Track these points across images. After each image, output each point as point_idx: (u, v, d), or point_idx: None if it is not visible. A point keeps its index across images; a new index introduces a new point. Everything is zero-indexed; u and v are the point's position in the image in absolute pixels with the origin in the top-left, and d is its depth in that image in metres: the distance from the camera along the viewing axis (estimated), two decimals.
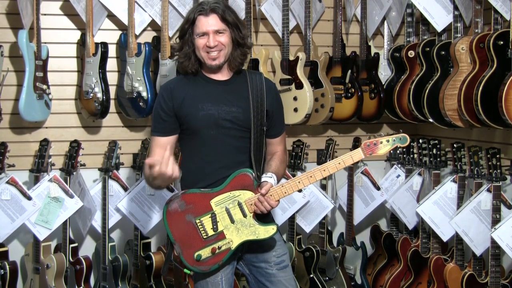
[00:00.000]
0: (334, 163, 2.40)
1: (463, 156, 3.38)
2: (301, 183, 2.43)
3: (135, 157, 3.76)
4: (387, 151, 2.43)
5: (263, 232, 2.44)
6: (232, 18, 2.48)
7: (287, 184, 2.43)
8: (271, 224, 2.47)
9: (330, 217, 4.15)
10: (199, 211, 2.45)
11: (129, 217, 3.64)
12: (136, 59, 3.57)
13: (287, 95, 3.77)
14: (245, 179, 2.45)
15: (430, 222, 3.49)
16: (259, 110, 2.52)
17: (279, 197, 2.43)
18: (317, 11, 4.00)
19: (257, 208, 2.42)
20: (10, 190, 3.41)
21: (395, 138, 2.41)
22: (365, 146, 2.41)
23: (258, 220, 2.45)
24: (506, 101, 2.93)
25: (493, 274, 3.15)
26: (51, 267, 3.51)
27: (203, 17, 2.46)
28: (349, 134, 4.19)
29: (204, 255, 2.44)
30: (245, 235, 2.44)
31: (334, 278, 3.85)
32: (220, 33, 2.46)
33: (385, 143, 2.41)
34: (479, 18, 3.25)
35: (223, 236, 2.44)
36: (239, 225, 2.43)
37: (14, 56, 3.58)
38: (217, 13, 2.45)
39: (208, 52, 2.47)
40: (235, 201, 2.44)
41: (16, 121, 3.63)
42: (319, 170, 2.41)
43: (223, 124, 2.49)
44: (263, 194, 2.40)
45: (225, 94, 2.53)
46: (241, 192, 2.44)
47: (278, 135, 2.67)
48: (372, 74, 3.93)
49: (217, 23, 2.46)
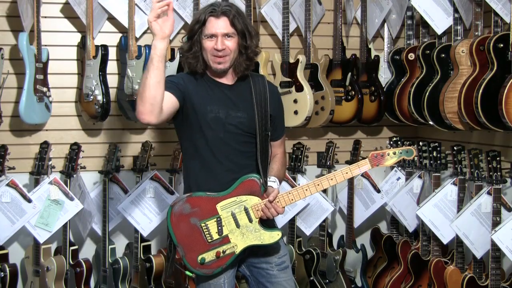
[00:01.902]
0: (341, 173, 2.44)
1: (463, 159, 3.38)
2: (308, 191, 2.45)
3: (135, 160, 3.75)
4: (393, 163, 2.49)
5: (268, 237, 2.45)
6: (241, 25, 2.45)
7: (295, 191, 2.45)
8: (276, 230, 2.48)
9: (330, 219, 4.15)
10: (205, 215, 2.45)
11: (130, 219, 3.63)
12: (136, 61, 3.57)
13: (287, 97, 3.78)
14: (252, 184, 2.45)
15: (430, 224, 3.49)
16: (264, 115, 2.52)
17: (286, 204, 2.46)
18: (317, 13, 4.00)
19: (263, 214, 2.44)
20: (10, 193, 3.41)
21: (402, 151, 2.46)
22: (372, 157, 2.45)
23: (263, 225, 2.46)
24: (506, 104, 2.92)
25: (493, 276, 3.14)
26: (51, 269, 3.51)
27: (213, 19, 2.44)
28: (349, 136, 4.19)
29: (208, 259, 2.44)
30: (250, 240, 2.45)
31: (334, 281, 3.84)
32: (229, 37, 2.45)
33: (392, 155, 2.45)
34: (479, 21, 3.26)
35: (227, 240, 2.44)
36: (244, 230, 2.44)
37: (15, 58, 3.58)
38: (228, 16, 2.43)
39: (214, 56, 2.45)
40: (241, 206, 2.44)
41: (16, 124, 3.63)
42: (327, 179, 2.45)
43: (229, 129, 2.48)
44: (271, 201, 2.42)
45: (231, 99, 2.52)
46: (248, 197, 2.44)
47: (279, 138, 2.69)
48: (372, 76, 3.93)
49: (227, 26, 2.43)
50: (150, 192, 3.63)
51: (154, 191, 3.63)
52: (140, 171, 3.68)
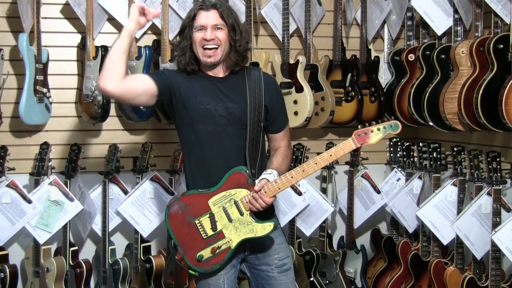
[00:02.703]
0: (325, 155, 2.38)
1: (463, 160, 3.38)
2: (294, 178, 2.40)
3: (135, 161, 3.75)
4: (379, 140, 2.39)
5: (260, 229, 2.42)
6: (231, 19, 2.47)
7: (280, 180, 2.40)
8: (268, 221, 2.44)
9: (330, 220, 4.15)
10: (198, 212, 2.45)
11: (129, 220, 3.63)
12: (136, 62, 3.57)
13: (287, 98, 3.77)
14: (239, 177, 2.43)
15: (430, 225, 3.49)
16: (257, 106, 2.49)
17: (274, 193, 2.40)
18: (317, 14, 4.00)
19: (252, 205, 2.41)
20: (10, 194, 3.41)
21: (386, 125, 2.38)
22: (356, 135, 2.38)
23: (256, 218, 2.44)
24: (506, 104, 2.93)
25: (493, 277, 3.14)
26: (51, 270, 3.51)
27: (203, 12, 2.46)
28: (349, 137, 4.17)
29: (205, 255, 2.44)
30: (243, 233, 2.43)
31: (334, 282, 3.84)
32: (218, 29, 2.45)
33: (376, 132, 2.38)
34: (479, 22, 3.26)
35: (222, 235, 2.44)
36: (237, 223, 2.43)
37: (15, 59, 3.58)
38: (217, 9, 2.45)
39: (204, 48, 2.45)
40: (231, 200, 2.43)
41: (16, 125, 3.63)
42: (311, 164, 2.38)
43: (219, 121, 2.46)
44: (256, 191, 2.39)
45: (221, 90, 2.50)
46: (236, 190, 2.43)
47: (280, 130, 2.63)
48: (372, 77, 3.93)
49: (217, 18, 2.45)
50: (150, 193, 3.63)
51: (154, 192, 3.63)
52: (140, 172, 3.68)
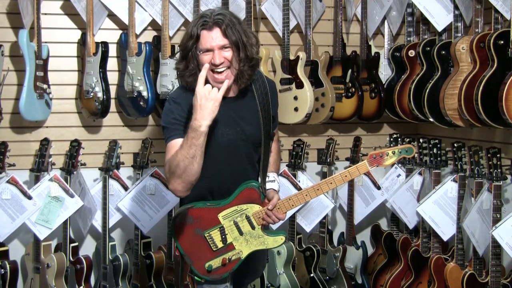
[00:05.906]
0: (340, 176, 2.44)
1: (464, 156, 3.38)
2: (308, 196, 2.46)
3: (135, 157, 3.76)
4: (393, 163, 2.48)
5: (272, 242, 2.47)
6: (235, 36, 2.29)
7: (295, 197, 2.46)
8: (279, 234, 2.49)
9: (330, 216, 4.16)
10: (207, 225, 2.45)
11: (130, 216, 3.64)
12: (136, 58, 3.57)
13: (288, 94, 3.78)
14: (251, 192, 2.44)
15: (431, 221, 3.49)
16: (267, 120, 2.48)
17: (287, 210, 2.47)
18: (318, 10, 4.00)
19: (265, 222, 2.45)
20: (10, 190, 3.41)
21: (401, 149, 2.44)
22: (371, 158, 2.43)
23: (266, 231, 2.48)
24: (507, 100, 2.92)
25: (493, 273, 3.14)
26: (51, 266, 3.51)
27: (206, 32, 2.28)
28: (350, 133, 4.19)
29: (214, 265, 2.45)
30: (254, 245, 2.46)
31: (334, 278, 3.85)
32: (226, 48, 2.30)
33: (391, 155, 2.43)
34: (480, 18, 3.25)
35: (232, 247, 2.45)
36: (247, 236, 2.45)
37: (15, 55, 3.58)
38: (220, 27, 2.28)
39: (214, 72, 2.31)
40: (243, 215, 2.44)
41: (16, 121, 3.63)
42: (326, 183, 2.44)
43: (239, 145, 2.44)
44: (270, 209, 2.42)
45: (237, 112, 2.43)
46: (248, 205, 2.44)
47: (274, 129, 2.64)
48: (372, 73, 3.93)
49: (221, 37, 2.29)
50: (151, 189, 3.63)
51: (155, 188, 3.63)
52: (140, 168, 3.68)
